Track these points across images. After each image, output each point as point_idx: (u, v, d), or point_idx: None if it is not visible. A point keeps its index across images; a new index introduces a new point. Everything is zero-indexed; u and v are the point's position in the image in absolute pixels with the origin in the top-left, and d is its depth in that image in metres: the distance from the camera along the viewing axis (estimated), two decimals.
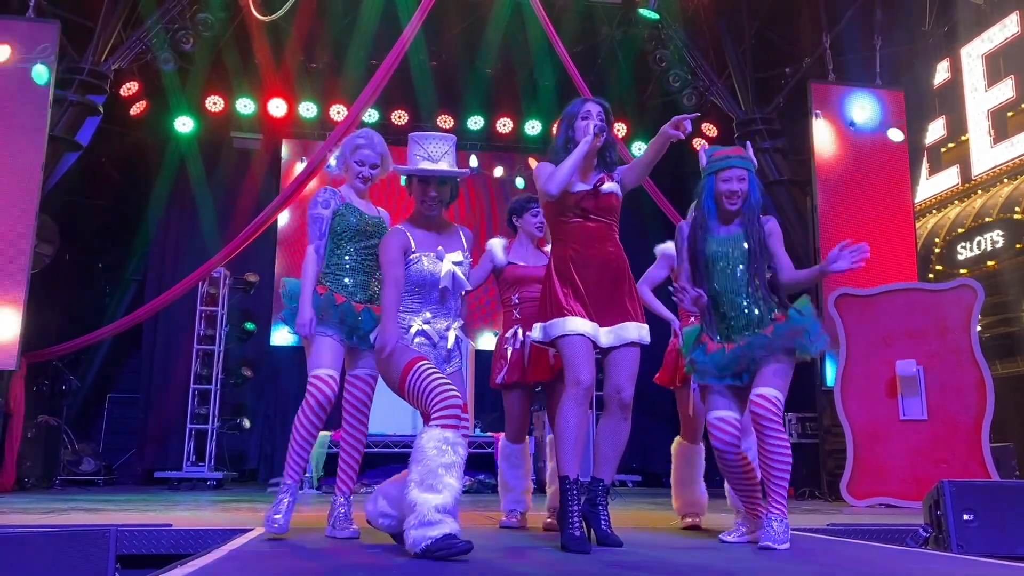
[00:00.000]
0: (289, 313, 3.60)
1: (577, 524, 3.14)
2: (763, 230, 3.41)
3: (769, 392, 3.21)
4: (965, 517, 3.70)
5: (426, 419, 2.89)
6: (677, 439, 4.35)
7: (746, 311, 3.34)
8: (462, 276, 3.17)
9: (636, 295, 3.42)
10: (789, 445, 3.25)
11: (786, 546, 3.16)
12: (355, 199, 3.68)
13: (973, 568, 2.79)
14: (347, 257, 3.59)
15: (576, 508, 3.17)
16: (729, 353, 3.32)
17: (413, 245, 3.12)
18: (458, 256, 3.18)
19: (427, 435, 2.82)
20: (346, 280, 3.56)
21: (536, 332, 3.41)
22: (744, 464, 3.39)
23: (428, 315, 3.13)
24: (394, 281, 3.05)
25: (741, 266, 3.37)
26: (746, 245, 3.38)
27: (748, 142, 4.32)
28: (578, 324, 3.25)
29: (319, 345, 3.47)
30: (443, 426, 2.82)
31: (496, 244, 4.30)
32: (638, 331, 3.33)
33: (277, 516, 3.37)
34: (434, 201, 3.18)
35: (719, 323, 3.40)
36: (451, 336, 3.15)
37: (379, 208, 3.81)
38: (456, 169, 3.21)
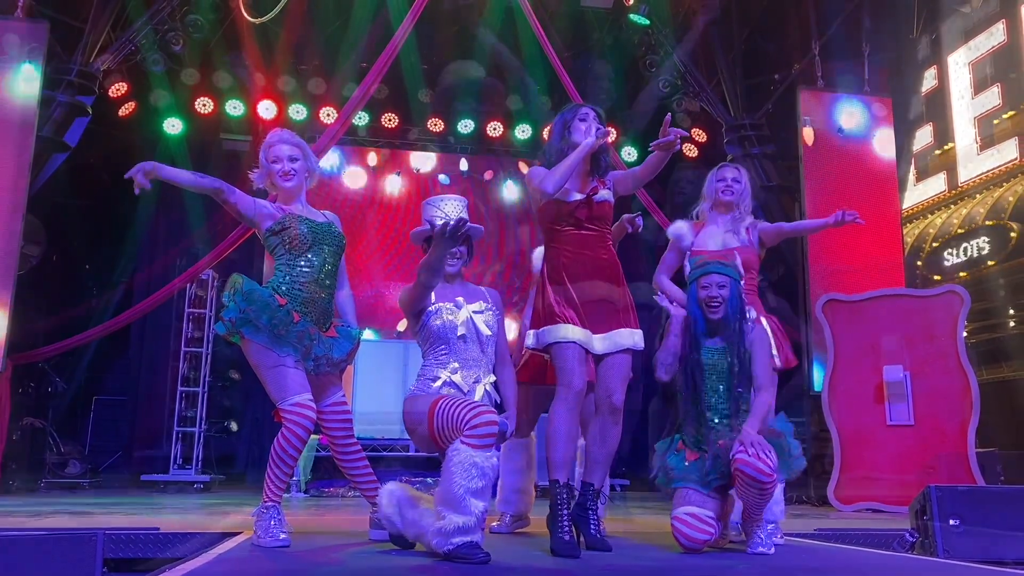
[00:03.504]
0: (238, 315, 3.18)
1: (567, 528, 3.14)
2: (744, 342, 3.30)
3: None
4: (951, 522, 3.73)
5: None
6: None
7: (727, 422, 3.26)
8: (482, 324, 3.17)
9: (630, 300, 3.43)
10: (776, 489, 3.15)
11: (773, 549, 3.21)
12: (295, 208, 3.42)
13: (959, 573, 2.82)
14: (299, 273, 3.32)
15: (566, 512, 3.17)
16: (710, 461, 3.21)
17: (433, 297, 3.14)
18: (478, 306, 3.20)
19: (457, 455, 2.77)
20: (303, 297, 3.29)
21: (530, 339, 3.42)
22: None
23: (456, 366, 3.11)
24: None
25: (723, 384, 3.30)
26: (728, 360, 3.29)
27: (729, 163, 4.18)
28: (570, 331, 3.25)
29: (282, 374, 3.20)
30: (474, 446, 2.76)
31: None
32: (631, 337, 3.34)
33: (273, 533, 3.17)
34: (453, 257, 3.22)
35: (697, 427, 3.33)
36: (479, 390, 3.12)
37: (325, 212, 3.56)
38: (472, 224, 3.15)
